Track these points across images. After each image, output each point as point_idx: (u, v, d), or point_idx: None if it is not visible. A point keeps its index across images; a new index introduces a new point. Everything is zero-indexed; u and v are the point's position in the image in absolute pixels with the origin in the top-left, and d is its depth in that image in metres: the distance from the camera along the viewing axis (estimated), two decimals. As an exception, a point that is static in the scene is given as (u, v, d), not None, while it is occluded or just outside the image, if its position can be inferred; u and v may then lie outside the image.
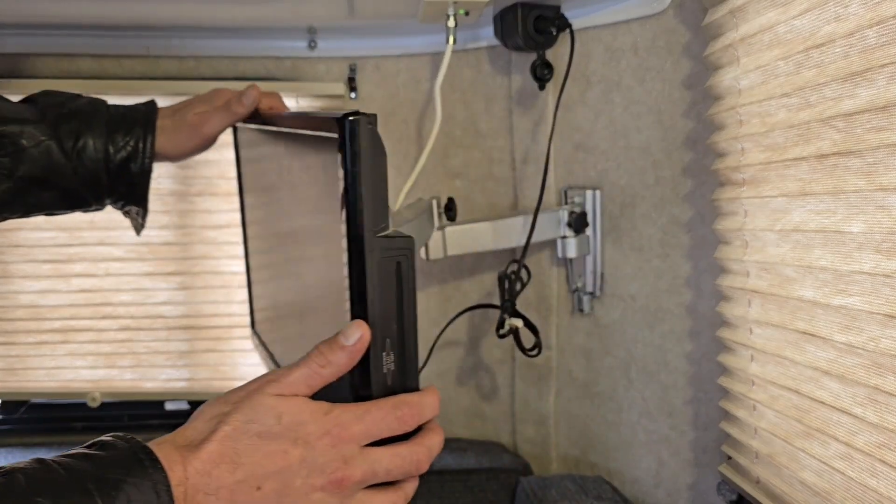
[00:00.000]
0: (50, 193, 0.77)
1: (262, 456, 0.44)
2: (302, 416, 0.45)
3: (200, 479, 0.42)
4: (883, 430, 0.61)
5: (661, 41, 0.92)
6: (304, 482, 0.44)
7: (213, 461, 0.43)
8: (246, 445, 0.44)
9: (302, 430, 0.45)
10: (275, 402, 0.45)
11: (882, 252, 0.60)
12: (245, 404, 0.45)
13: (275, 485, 0.44)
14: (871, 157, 0.60)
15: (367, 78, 1.18)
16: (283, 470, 0.44)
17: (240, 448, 0.43)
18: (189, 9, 0.99)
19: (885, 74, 0.57)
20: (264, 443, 0.44)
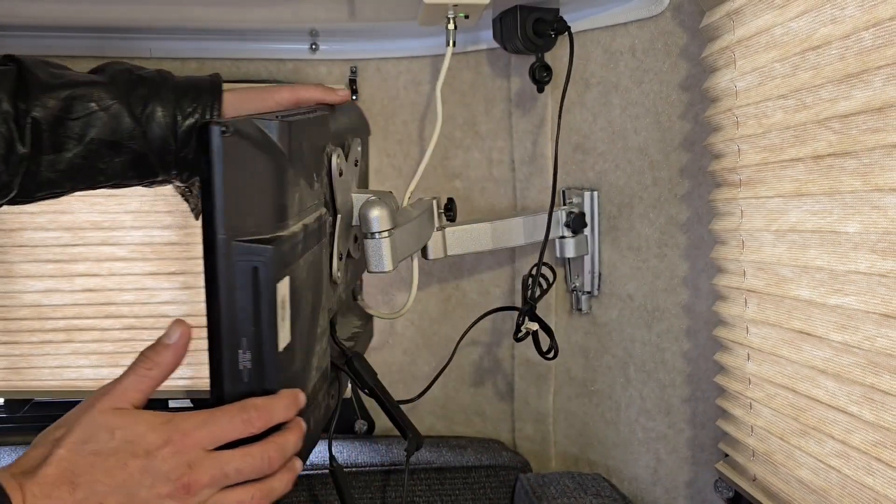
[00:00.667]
0: (121, 159, 0.77)
1: (102, 472, 0.44)
2: (137, 427, 0.46)
3: (40, 502, 0.42)
4: (879, 429, 0.62)
5: (659, 43, 0.93)
6: (148, 492, 0.45)
7: (50, 484, 0.43)
8: (83, 465, 0.44)
9: (140, 441, 0.45)
10: (107, 418, 0.46)
11: (877, 252, 0.60)
12: (78, 425, 0.46)
13: (119, 498, 0.44)
14: (866, 158, 0.60)
15: (367, 80, 1.19)
16: (124, 483, 0.44)
17: (77, 469, 0.44)
18: (191, 11, 1.00)
19: (880, 76, 0.58)
20: (101, 459, 0.44)
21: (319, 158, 0.68)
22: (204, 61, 1.16)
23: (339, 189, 0.73)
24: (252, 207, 0.51)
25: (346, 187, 0.76)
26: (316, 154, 0.67)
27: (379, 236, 0.75)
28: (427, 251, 0.99)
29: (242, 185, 0.49)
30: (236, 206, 0.49)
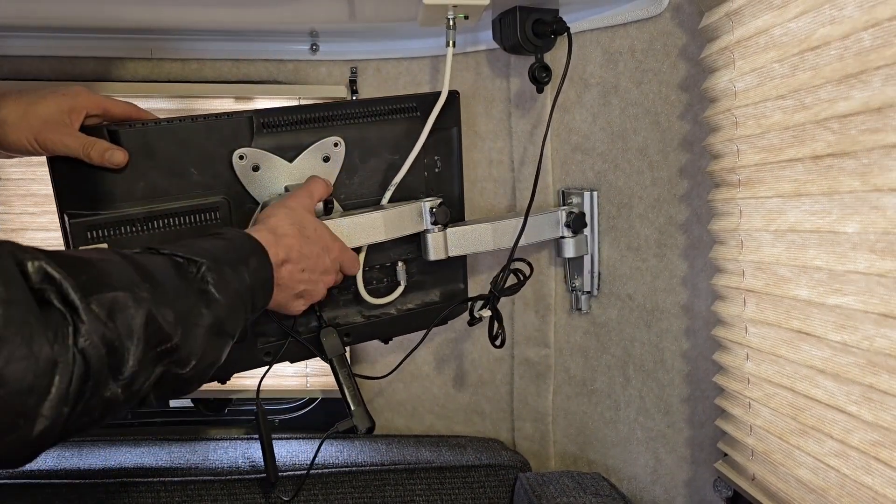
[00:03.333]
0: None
1: (308, 249, 0.81)
2: (321, 230, 0.85)
3: (284, 252, 0.78)
4: (877, 428, 0.62)
5: (658, 44, 0.93)
6: (322, 264, 0.84)
7: (285, 246, 0.78)
8: (301, 243, 0.80)
9: (321, 239, 0.84)
10: (308, 218, 0.84)
11: (876, 252, 0.61)
12: (293, 216, 0.82)
13: (313, 264, 0.82)
14: (865, 159, 0.61)
15: (367, 80, 1.19)
16: (317, 260, 0.83)
17: (300, 246, 0.80)
18: (192, 12, 1.00)
19: (879, 76, 0.58)
20: (309, 243, 0.81)
21: (212, 154, 0.88)
22: (204, 62, 1.16)
23: (252, 182, 0.91)
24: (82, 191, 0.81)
25: (270, 181, 0.92)
26: (201, 151, 0.87)
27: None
28: (428, 251, 0.99)
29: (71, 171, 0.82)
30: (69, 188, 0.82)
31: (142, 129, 0.84)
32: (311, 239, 0.81)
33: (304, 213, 0.83)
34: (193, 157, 0.87)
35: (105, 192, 0.83)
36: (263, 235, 0.75)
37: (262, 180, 0.91)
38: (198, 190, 0.88)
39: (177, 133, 0.85)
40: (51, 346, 0.46)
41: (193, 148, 0.87)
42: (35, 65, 1.12)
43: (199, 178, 0.88)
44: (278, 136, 0.91)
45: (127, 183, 0.84)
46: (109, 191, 0.83)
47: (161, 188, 0.86)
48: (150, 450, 1.17)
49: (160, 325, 0.55)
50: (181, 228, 0.86)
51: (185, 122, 0.86)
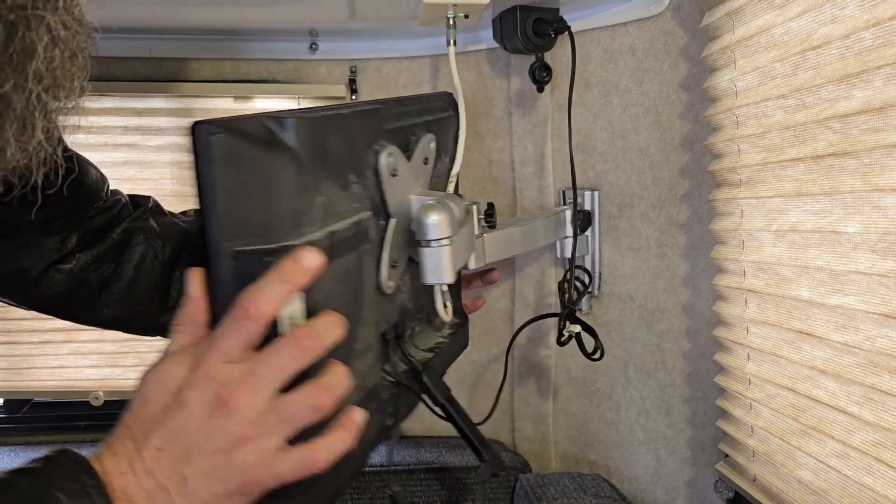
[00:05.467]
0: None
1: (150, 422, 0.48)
2: (163, 371, 0.50)
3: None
4: (879, 429, 0.62)
5: (659, 43, 0.93)
6: (187, 423, 0.47)
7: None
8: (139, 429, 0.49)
9: (167, 381, 0.49)
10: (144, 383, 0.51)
11: (878, 252, 0.60)
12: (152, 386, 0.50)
13: (161, 441, 0.47)
14: (866, 158, 0.60)
15: (367, 80, 1.19)
16: (164, 424, 0.47)
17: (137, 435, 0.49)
18: (191, 11, 1.00)
19: (880, 76, 0.58)
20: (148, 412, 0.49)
21: (362, 157, 0.61)
22: (204, 61, 1.16)
23: (390, 191, 0.65)
24: (253, 214, 0.48)
25: (402, 188, 0.67)
26: (356, 152, 0.61)
27: (437, 244, 0.67)
28: (469, 260, 0.87)
29: (240, 189, 0.47)
30: (234, 212, 0.47)
31: (315, 119, 0.54)
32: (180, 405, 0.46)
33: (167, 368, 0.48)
34: (353, 159, 0.61)
35: (285, 212, 0.51)
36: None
37: (397, 187, 0.67)
38: (355, 203, 0.60)
39: (341, 127, 0.59)
40: None
41: (351, 148, 0.61)
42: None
43: (357, 186, 0.61)
44: (395, 134, 0.69)
45: (306, 199, 0.53)
46: (290, 211, 0.51)
47: (333, 202, 0.57)
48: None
49: None
50: (349, 260, 0.59)
51: (339, 112, 0.61)
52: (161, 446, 0.45)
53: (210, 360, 0.45)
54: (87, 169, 0.75)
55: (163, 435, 0.45)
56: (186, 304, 0.49)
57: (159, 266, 0.77)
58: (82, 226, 0.74)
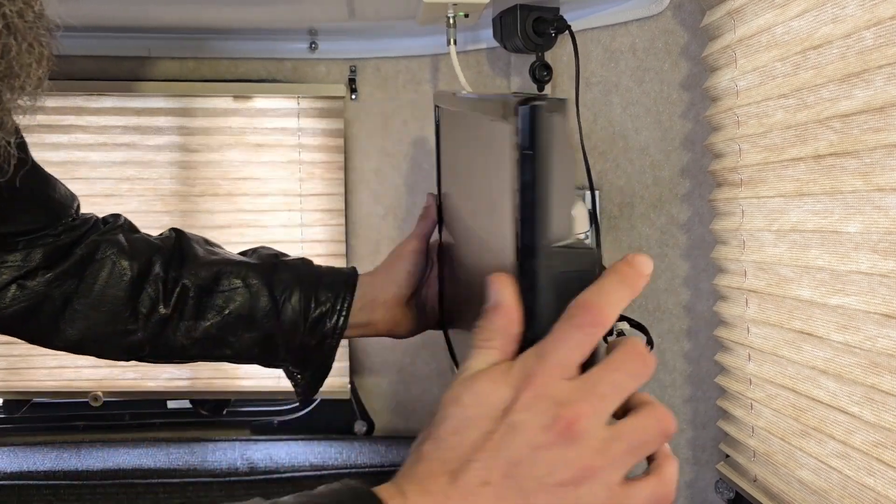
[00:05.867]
0: (251, 335, 0.78)
1: (468, 448, 0.40)
2: (479, 387, 0.40)
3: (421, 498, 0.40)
4: (880, 429, 0.62)
5: (660, 42, 0.93)
6: (523, 452, 0.38)
7: (424, 478, 0.40)
8: (445, 447, 0.40)
9: (486, 400, 0.40)
10: (452, 393, 0.41)
11: (879, 252, 0.60)
12: (434, 420, 0.41)
13: (501, 472, 0.38)
14: (868, 158, 0.60)
15: (367, 79, 1.18)
16: (498, 451, 0.39)
17: (446, 456, 0.40)
18: (190, 10, 1.00)
19: (882, 75, 0.58)
20: (459, 435, 0.40)
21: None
22: (202, 60, 1.16)
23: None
24: (565, 203, 0.41)
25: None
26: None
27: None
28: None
29: (563, 175, 0.40)
30: (555, 206, 0.40)
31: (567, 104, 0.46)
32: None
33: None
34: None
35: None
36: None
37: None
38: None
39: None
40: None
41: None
42: (33, 64, 1.12)
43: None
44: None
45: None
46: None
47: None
48: (149, 451, 1.17)
49: None
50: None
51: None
52: (488, 480, 0.37)
53: (546, 376, 0.38)
54: (55, 184, 0.74)
55: (489, 467, 0.37)
56: (494, 315, 0.40)
57: (127, 282, 0.75)
58: (48, 242, 0.72)
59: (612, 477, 0.37)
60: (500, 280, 0.40)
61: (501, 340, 0.40)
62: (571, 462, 0.37)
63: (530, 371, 0.38)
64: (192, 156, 1.21)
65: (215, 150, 1.20)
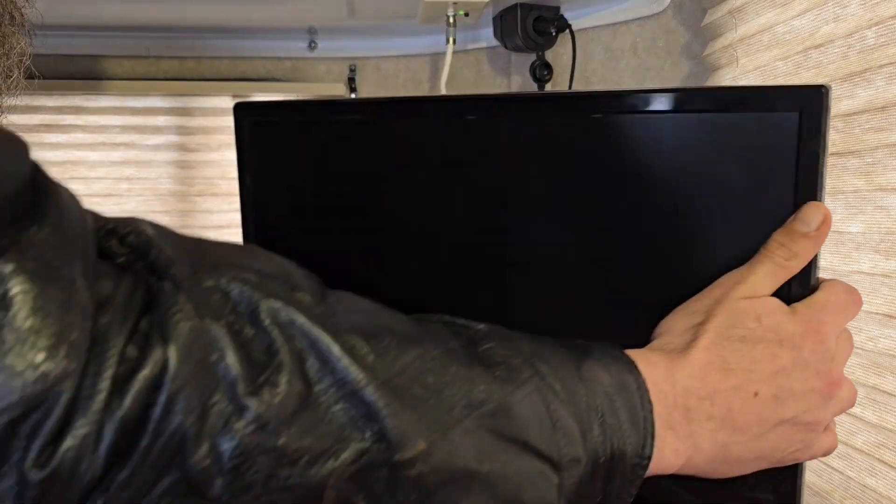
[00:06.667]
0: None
1: (751, 361, 0.41)
2: (778, 315, 0.41)
3: (692, 381, 0.39)
4: (881, 430, 0.61)
5: (661, 42, 0.92)
6: (802, 385, 0.41)
7: (702, 367, 0.40)
8: (732, 351, 0.40)
9: (783, 330, 0.41)
10: (749, 305, 0.42)
11: (880, 252, 0.60)
12: (719, 311, 0.42)
13: (771, 389, 0.41)
14: (869, 158, 0.60)
15: (367, 78, 1.18)
16: (777, 374, 0.41)
17: (726, 354, 0.41)
18: (189, 9, 0.99)
19: (883, 75, 0.57)
20: (749, 347, 0.41)
21: None
22: (202, 59, 1.15)
23: None
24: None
25: None
26: None
27: None
28: None
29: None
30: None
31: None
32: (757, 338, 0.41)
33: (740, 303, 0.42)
34: None
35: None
36: (642, 353, 0.41)
37: None
38: None
39: None
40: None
41: None
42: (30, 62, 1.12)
43: None
44: None
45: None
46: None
47: None
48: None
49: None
50: None
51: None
52: (758, 392, 0.40)
53: (830, 331, 0.41)
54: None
55: (763, 381, 0.40)
56: (804, 239, 0.42)
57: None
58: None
59: (832, 409, 0.41)
60: (818, 207, 0.41)
61: (797, 263, 0.42)
62: (823, 410, 0.41)
63: (818, 322, 0.41)
64: (190, 155, 1.21)
65: (214, 150, 1.20)
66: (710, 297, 0.43)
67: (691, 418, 0.39)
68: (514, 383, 0.33)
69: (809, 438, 0.41)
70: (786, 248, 0.42)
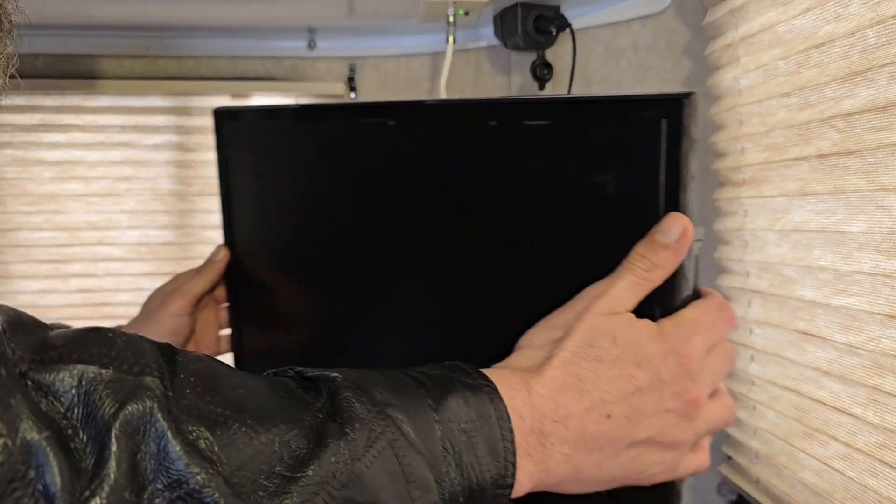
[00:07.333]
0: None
1: (606, 381, 0.40)
2: (638, 335, 0.41)
3: (546, 404, 0.39)
4: (883, 431, 0.61)
5: (662, 41, 0.92)
6: (655, 406, 0.40)
7: (557, 387, 0.39)
8: (587, 371, 0.40)
9: (641, 351, 0.41)
10: (607, 323, 0.41)
11: (882, 252, 0.60)
12: (577, 327, 0.41)
13: (624, 411, 0.40)
14: (871, 157, 0.60)
15: (366, 78, 1.18)
16: (631, 395, 0.40)
17: (582, 374, 0.40)
18: (189, 9, 0.99)
19: (884, 74, 0.57)
20: (605, 367, 0.40)
21: None
22: (200, 59, 1.15)
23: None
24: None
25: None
26: None
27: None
28: None
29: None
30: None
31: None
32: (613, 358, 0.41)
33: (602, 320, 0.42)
34: None
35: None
36: (499, 372, 0.41)
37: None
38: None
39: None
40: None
41: None
42: (29, 62, 1.11)
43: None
44: None
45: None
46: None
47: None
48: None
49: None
50: None
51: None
52: (611, 414, 0.40)
53: (693, 351, 0.41)
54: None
55: (617, 403, 0.40)
56: (664, 250, 0.43)
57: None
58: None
59: (691, 430, 0.41)
60: (678, 218, 0.42)
61: (658, 275, 0.42)
62: (682, 430, 0.41)
63: (681, 341, 0.41)
64: (189, 155, 1.21)
65: (213, 150, 1.20)
66: (571, 311, 0.43)
67: (545, 443, 0.38)
68: (365, 444, 0.33)
69: (669, 458, 0.41)
70: (646, 259, 0.42)
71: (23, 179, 1.20)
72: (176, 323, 0.65)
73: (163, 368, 0.32)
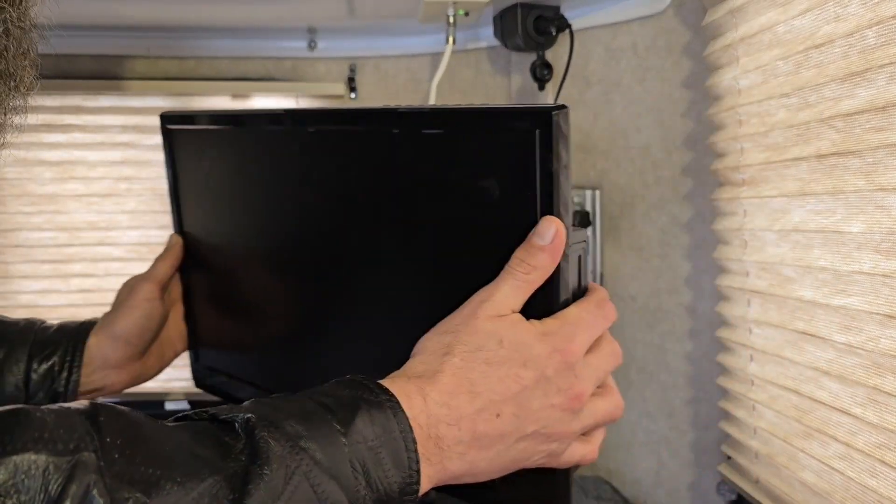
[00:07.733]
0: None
1: (495, 381, 0.43)
2: (524, 336, 0.44)
3: (441, 409, 0.41)
4: (882, 430, 0.61)
5: (661, 41, 0.92)
6: (541, 403, 0.43)
7: (450, 392, 0.42)
8: (478, 374, 0.43)
9: (526, 350, 0.43)
10: (493, 326, 0.44)
11: (881, 252, 0.60)
12: (466, 331, 0.44)
13: (512, 409, 0.43)
14: (870, 157, 0.60)
15: (366, 78, 1.18)
16: (519, 394, 0.43)
17: (473, 377, 0.43)
18: (189, 9, 0.99)
19: (884, 74, 0.57)
20: (493, 369, 0.43)
21: None
22: (202, 59, 1.15)
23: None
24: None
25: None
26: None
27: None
28: None
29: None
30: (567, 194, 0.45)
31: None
32: (501, 359, 0.43)
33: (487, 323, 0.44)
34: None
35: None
36: (398, 382, 0.43)
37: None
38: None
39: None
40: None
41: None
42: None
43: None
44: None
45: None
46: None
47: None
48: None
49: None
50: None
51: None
52: (501, 413, 0.43)
53: (575, 349, 0.44)
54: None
55: (505, 401, 0.43)
56: (541, 253, 0.44)
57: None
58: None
59: (574, 420, 0.45)
60: (551, 220, 0.44)
61: (537, 276, 0.45)
62: (567, 423, 0.44)
63: (564, 339, 0.44)
64: (190, 155, 1.21)
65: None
66: (460, 317, 0.45)
67: (442, 445, 0.41)
68: (284, 482, 0.35)
69: (554, 448, 0.45)
70: (525, 262, 0.45)
71: (23, 179, 1.20)
72: (148, 307, 0.69)
73: (94, 437, 0.34)
